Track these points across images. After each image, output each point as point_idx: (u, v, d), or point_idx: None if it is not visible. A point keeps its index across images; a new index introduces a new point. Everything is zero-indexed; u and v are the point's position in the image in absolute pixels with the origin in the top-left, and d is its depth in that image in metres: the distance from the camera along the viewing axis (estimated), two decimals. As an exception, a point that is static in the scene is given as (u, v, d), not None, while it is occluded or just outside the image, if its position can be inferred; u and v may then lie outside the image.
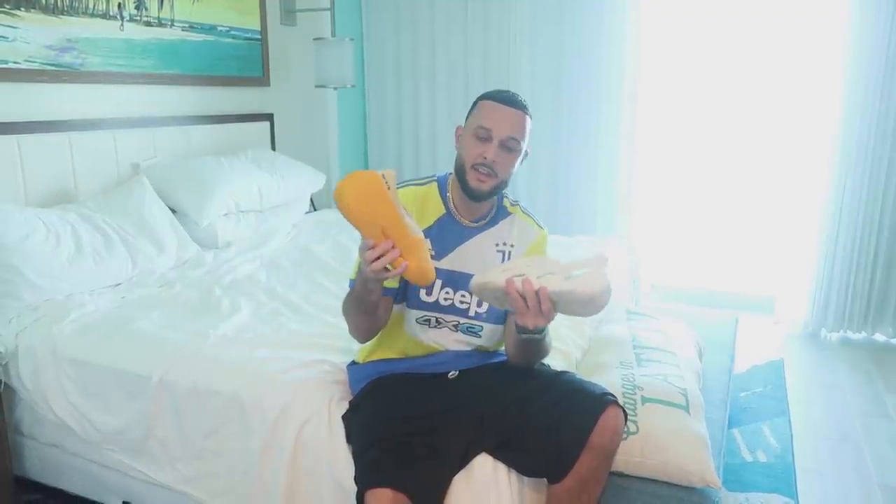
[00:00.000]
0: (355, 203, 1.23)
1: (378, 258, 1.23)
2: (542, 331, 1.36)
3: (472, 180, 1.44)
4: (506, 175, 1.46)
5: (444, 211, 1.53)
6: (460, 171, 1.47)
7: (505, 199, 1.59)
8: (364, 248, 1.25)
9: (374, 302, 1.38)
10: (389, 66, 4.05)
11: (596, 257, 1.28)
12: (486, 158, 1.42)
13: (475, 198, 1.47)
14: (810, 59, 3.35)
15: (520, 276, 1.28)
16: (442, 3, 3.83)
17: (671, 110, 3.65)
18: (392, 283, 1.45)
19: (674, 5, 3.50)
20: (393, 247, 1.23)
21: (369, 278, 1.29)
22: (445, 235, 1.50)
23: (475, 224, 1.53)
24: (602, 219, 3.75)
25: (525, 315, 1.28)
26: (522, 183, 3.82)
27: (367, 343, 1.60)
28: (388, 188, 1.24)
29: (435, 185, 1.56)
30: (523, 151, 1.48)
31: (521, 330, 1.34)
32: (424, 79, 3.97)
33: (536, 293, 1.25)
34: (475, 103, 1.50)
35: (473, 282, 1.35)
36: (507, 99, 1.45)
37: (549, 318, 1.29)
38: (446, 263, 1.49)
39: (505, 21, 3.72)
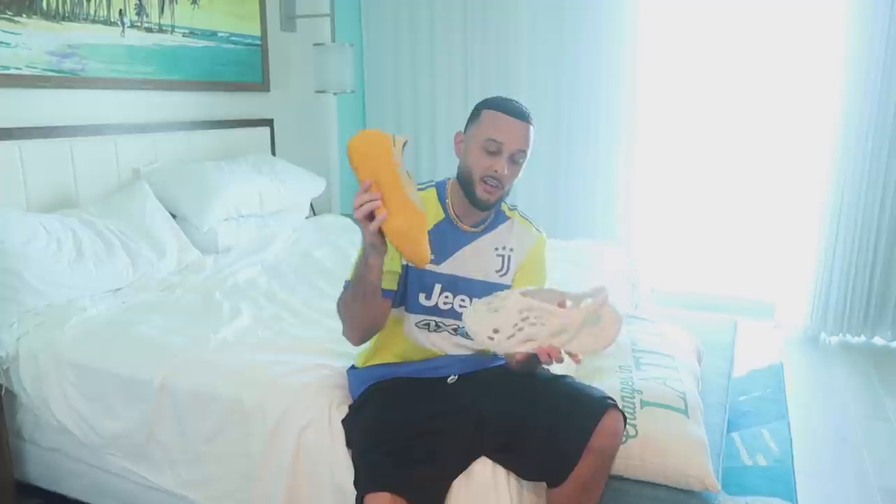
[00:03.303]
0: (358, 154, 1.24)
1: (364, 205, 1.22)
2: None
3: (481, 192, 1.45)
4: (511, 184, 1.48)
5: (444, 216, 1.53)
6: (466, 182, 1.47)
7: (503, 204, 1.60)
8: (358, 193, 1.24)
9: (374, 283, 1.34)
10: (389, 72, 4.06)
11: (596, 290, 1.24)
12: (496, 172, 1.42)
13: (482, 208, 1.48)
14: (808, 65, 3.36)
15: (529, 340, 1.23)
16: (441, 8, 3.84)
17: (670, 115, 3.66)
18: (390, 285, 1.46)
19: (672, 13, 3.52)
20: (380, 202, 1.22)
21: (365, 241, 1.27)
22: (444, 240, 1.50)
23: (474, 228, 1.54)
24: (601, 223, 3.75)
25: (533, 365, 1.30)
26: (523, 188, 3.81)
27: (367, 347, 1.61)
28: (394, 146, 1.25)
29: (434, 190, 1.57)
30: (527, 160, 1.50)
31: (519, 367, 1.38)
32: (424, 84, 3.98)
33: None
34: (478, 111, 1.48)
35: (477, 339, 1.27)
36: (515, 111, 1.44)
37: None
38: (446, 268, 1.50)
39: (504, 27, 3.73)
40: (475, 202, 1.47)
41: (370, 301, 1.39)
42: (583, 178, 3.75)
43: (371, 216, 1.23)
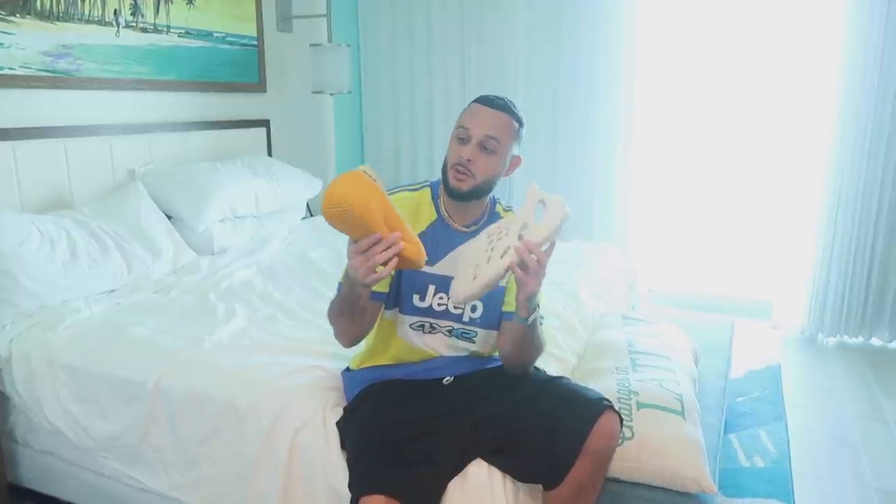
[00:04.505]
0: (359, 202, 1.16)
1: (380, 255, 1.19)
2: (537, 306, 1.37)
3: (451, 180, 1.46)
4: (485, 177, 1.46)
5: (436, 216, 1.53)
6: (444, 172, 1.49)
7: (498, 205, 1.59)
8: (359, 250, 1.20)
9: (361, 308, 1.37)
10: (386, 72, 4.05)
11: (531, 191, 1.33)
12: (462, 157, 1.43)
13: (454, 197, 1.48)
14: (805, 65, 3.36)
15: (505, 251, 1.28)
16: (438, 8, 3.84)
17: (667, 115, 3.66)
18: (382, 288, 1.45)
19: (670, 12, 3.52)
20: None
21: (358, 283, 1.24)
22: (438, 240, 1.49)
23: (467, 229, 1.53)
24: (599, 223, 3.75)
25: (528, 281, 1.27)
26: (520, 188, 3.82)
27: (361, 350, 1.60)
28: (375, 180, 1.22)
29: (428, 190, 1.56)
30: (507, 154, 1.48)
31: (525, 310, 1.34)
32: (421, 84, 3.97)
33: (532, 253, 1.25)
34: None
35: (466, 293, 1.30)
36: (489, 101, 1.47)
37: (545, 271, 1.28)
38: (439, 268, 1.48)
39: (500, 26, 3.72)
40: (448, 191, 1.48)
41: (357, 318, 1.40)
42: (580, 179, 3.74)
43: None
